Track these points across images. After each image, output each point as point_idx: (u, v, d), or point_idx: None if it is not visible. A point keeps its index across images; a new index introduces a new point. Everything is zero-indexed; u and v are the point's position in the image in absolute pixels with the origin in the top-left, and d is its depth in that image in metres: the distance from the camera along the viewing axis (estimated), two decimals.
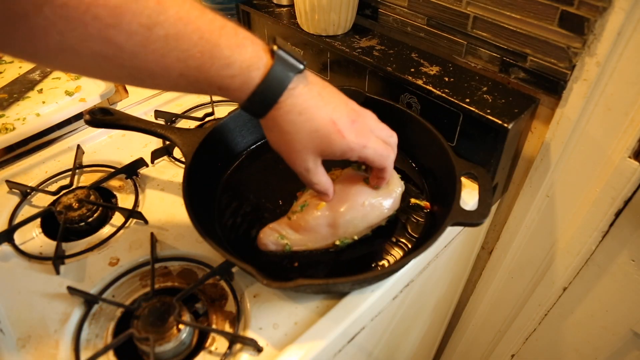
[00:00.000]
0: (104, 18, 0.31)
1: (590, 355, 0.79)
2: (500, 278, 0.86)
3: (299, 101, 0.41)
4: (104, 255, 0.55)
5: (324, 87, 0.43)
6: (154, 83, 0.38)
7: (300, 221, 0.51)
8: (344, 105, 0.44)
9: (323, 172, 0.47)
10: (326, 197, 0.50)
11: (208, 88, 0.38)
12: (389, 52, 0.68)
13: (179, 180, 0.66)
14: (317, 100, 0.42)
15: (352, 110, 0.45)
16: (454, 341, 1.13)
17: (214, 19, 0.37)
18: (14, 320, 0.49)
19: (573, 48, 0.53)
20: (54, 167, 0.69)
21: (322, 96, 0.42)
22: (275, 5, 0.83)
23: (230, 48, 0.37)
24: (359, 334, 0.53)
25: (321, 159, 0.45)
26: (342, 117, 0.43)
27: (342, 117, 0.43)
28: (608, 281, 0.69)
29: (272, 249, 0.52)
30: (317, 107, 0.41)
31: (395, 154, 0.49)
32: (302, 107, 0.41)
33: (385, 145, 0.47)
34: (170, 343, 0.44)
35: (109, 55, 0.33)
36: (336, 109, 0.43)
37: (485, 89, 0.60)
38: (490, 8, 0.58)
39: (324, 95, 0.43)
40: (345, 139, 0.43)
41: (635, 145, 0.54)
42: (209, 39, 0.36)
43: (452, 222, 0.48)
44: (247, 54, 0.38)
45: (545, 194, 0.68)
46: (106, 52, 0.33)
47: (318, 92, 0.42)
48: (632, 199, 0.59)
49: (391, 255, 0.52)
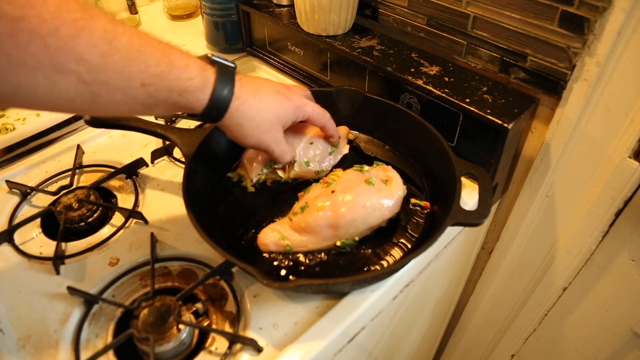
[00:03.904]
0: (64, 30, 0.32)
1: (590, 355, 0.79)
2: (500, 278, 0.86)
3: (249, 87, 0.47)
4: (104, 255, 0.55)
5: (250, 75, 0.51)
6: (113, 99, 0.38)
7: (301, 222, 0.51)
8: (271, 81, 0.53)
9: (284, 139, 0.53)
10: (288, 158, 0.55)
11: (168, 96, 0.40)
12: (389, 52, 0.68)
13: (179, 180, 0.66)
14: (257, 83, 0.49)
15: (278, 82, 0.53)
16: (454, 341, 1.13)
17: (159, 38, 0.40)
18: (14, 320, 0.49)
19: (573, 48, 0.53)
20: (54, 167, 0.69)
21: (255, 80, 0.49)
22: (275, 5, 0.83)
23: (183, 56, 0.41)
24: (359, 334, 0.53)
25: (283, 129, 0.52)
26: (279, 87, 0.51)
27: (280, 87, 0.51)
28: (608, 281, 0.69)
29: (273, 249, 0.52)
30: (261, 87, 0.49)
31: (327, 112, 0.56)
32: (254, 90, 0.47)
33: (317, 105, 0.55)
34: (170, 343, 0.44)
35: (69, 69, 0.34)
36: (270, 84, 0.50)
37: (485, 89, 0.60)
38: (490, 8, 0.58)
39: (256, 79, 0.50)
40: (291, 101, 0.51)
41: (635, 145, 0.54)
42: (163, 49, 0.40)
43: (452, 222, 0.48)
44: (196, 59, 0.43)
45: (545, 194, 0.68)
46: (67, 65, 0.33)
47: (252, 78, 0.49)
48: (632, 199, 0.59)
49: (391, 255, 0.52)
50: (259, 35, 0.87)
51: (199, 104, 0.43)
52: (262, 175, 0.61)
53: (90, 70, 0.35)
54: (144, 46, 0.38)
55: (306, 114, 0.53)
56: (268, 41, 0.86)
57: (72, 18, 0.33)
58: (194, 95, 0.42)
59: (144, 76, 0.38)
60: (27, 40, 0.31)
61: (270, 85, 0.50)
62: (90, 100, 0.37)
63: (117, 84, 0.37)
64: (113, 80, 0.36)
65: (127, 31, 0.37)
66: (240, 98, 0.45)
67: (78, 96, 0.36)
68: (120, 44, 0.36)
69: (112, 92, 0.37)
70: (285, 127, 0.52)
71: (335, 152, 0.63)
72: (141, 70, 0.37)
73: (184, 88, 0.41)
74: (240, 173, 0.62)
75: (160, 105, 0.41)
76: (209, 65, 0.44)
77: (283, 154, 0.53)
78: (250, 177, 0.60)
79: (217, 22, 0.90)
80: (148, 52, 0.38)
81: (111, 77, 0.36)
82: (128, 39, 0.36)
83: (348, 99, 0.67)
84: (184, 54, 0.42)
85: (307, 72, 0.81)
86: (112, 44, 0.35)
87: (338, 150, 0.63)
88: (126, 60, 0.36)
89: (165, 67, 0.39)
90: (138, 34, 0.38)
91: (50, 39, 0.32)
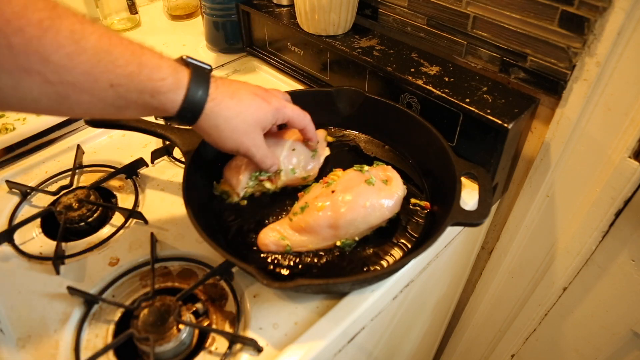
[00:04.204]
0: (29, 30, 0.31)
1: (590, 355, 0.79)
2: (500, 278, 0.86)
3: (225, 89, 0.46)
4: (104, 255, 0.55)
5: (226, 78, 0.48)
6: (81, 101, 0.37)
7: (301, 222, 0.51)
8: (249, 83, 0.51)
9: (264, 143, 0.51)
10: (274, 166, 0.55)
11: (138, 97, 0.39)
12: (389, 52, 0.68)
13: (179, 180, 0.66)
14: (234, 85, 0.48)
15: (256, 85, 0.51)
16: (454, 341, 1.13)
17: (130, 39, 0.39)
18: (14, 320, 0.49)
19: (573, 48, 0.53)
20: (54, 167, 0.69)
21: (232, 82, 0.48)
22: (275, 5, 0.83)
23: (154, 56, 0.40)
24: (359, 334, 0.53)
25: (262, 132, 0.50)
26: (257, 90, 0.50)
27: (258, 90, 0.50)
28: (608, 281, 0.69)
29: (273, 249, 0.52)
30: (239, 89, 0.47)
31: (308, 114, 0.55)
32: (230, 92, 0.46)
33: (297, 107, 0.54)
34: (170, 343, 0.44)
35: (34, 69, 0.33)
36: (248, 87, 0.49)
37: (485, 89, 0.60)
38: (490, 8, 0.58)
39: (232, 82, 0.48)
40: (270, 104, 0.49)
41: (635, 145, 0.54)
42: (133, 49, 0.39)
43: (452, 222, 0.48)
44: (169, 60, 0.42)
45: (545, 194, 0.68)
46: (32, 66, 0.32)
47: (228, 81, 0.48)
48: (632, 199, 0.59)
49: (391, 255, 0.52)
50: (259, 35, 0.87)
51: (172, 106, 0.42)
52: (249, 188, 0.58)
53: (55, 70, 0.34)
54: (112, 46, 0.37)
55: (286, 117, 0.52)
56: (268, 41, 0.86)
57: (38, 18, 0.32)
58: (166, 96, 0.41)
59: (112, 77, 0.37)
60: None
61: (248, 88, 0.49)
62: (57, 101, 0.36)
63: (85, 85, 0.36)
64: (80, 81, 0.35)
65: (96, 31, 0.36)
66: (215, 99, 0.44)
67: (43, 96, 0.35)
68: (87, 44, 0.35)
69: (79, 93, 0.36)
70: (265, 130, 0.50)
71: (316, 155, 0.62)
72: (109, 71, 0.36)
73: (155, 89, 0.40)
74: (225, 189, 0.59)
75: (132, 107, 0.40)
76: (183, 67, 0.43)
77: (264, 158, 0.51)
78: (237, 192, 0.58)
79: (217, 22, 0.90)
80: (116, 51, 0.37)
81: (78, 78, 0.35)
82: (96, 39, 0.35)
83: (348, 99, 0.67)
84: (156, 55, 0.41)
85: (307, 72, 0.81)
86: (79, 44, 0.34)
87: (319, 153, 0.62)
88: (93, 61, 0.35)
89: (135, 67, 0.38)
90: (108, 34, 0.37)
91: (14, 38, 0.31)
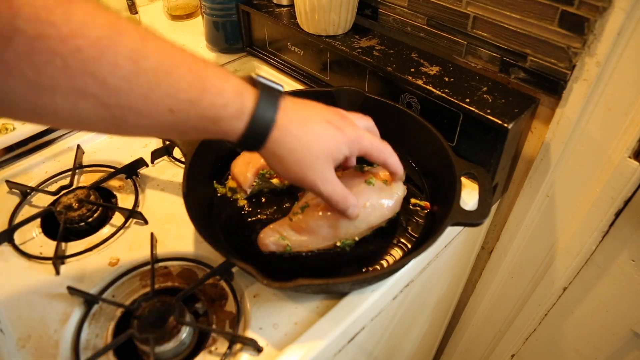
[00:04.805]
0: (86, 50, 0.29)
1: (591, 355, 0.79)
2: (500, 278, 0.86)
3: (295, 115, 0.41)
4: (104, 255, 0.55)
5: (300, 100, 0.43)
6: (139, 124, 0.34)
7: (301, 223, 0.51)
8: (325, 108, 0.45)
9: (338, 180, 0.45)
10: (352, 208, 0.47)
11: (199, 123, 0.36)
12: (389, 52, 0.68)
13: (179, 180, 0.66)
14: (307, 110, 0.42)
15: (332, 109, 0.45)
16: (454, 341, 1.13)
17: (194, 54, 0.36)
18: (14, 320, 0.49)
19: (573, 48, 0.53)
20: (54, 167, 0.69)
21: (307, 106, 0.43)
22: (275, 5, 0.83)
23: (219, 77, 0.36)
24: (359, 334, 0.53)
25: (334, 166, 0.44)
26: (332, 116, 0.44)
27: (333, 117, 0.44)
28: (608, 281, 0.69)
29: (273, 249, 0.52)
30: (310, 116, 0.42)
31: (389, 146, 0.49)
32: (300, 120, 0.41)
33: (376, 137, 0.48)
34: (170, 343, 0.44)
35: (89, 92, 0.30)
36: (322, 112, 0.44)
37: (485, 89, 0.60)
38: (490, 8, 0.58)
39: (305, 106, 0.43)
40: (344, 134, 0.43)
41: (635, 145, 0.54)
42: (197, 70, 0.35)
43: (452, 222, 0.48)
44: (234, 81, 0.37)
45: (545, 194, 0.68)
46: (87, 88, 0.30)
47: (302, 104, 0.42)
48: (632, 199, 0.59)
49: (391, 255, 0.52)
50: (259, 35, 0.87)
51: (234, 133, 0.38)
52: (257, 185, 0.58)
53: (111, 94, 0.31)
54: (174, 67, 0.33)
55: (362, 149, 0.45)
56: (268, 41, 0.86)
57: (96, 36, 0.29)
58: (228, 123, 0.37)
59: (172, 101, 0.33)
60: (45, 60, 0.28)
61: (322, 114, 0.43)
62: (114, 124, 0.33)
63: (143, 109, 0.33)
64: (137, 105, 0.32)
65: (157, 49, 0.32)
66: (282, 128, 0.39)
67: (99, 119, 0.32)
68: (147, 64, 0.32)
69: (137, 117, 0.33)
70: (337, 163, 0.44)
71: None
72: (169, 95, 0.33)
73: (217, 116, 0.36)
74: (231, 186, 0.59)
75: (191, 132, 0.37)
76: (249, 88, 0.38)
77: (332, 195, 0.44)
78: (244, 190, 0.57)
79: (217, 22, 0.90)
80: (178, 73, 0.33)
81: (135, 102, 0.32)
82: (157, 58, 0.32)
83: (348, 99, 0.67)
84: (221, 75, 0.36)
85: (307, 72, 0.81)
86: (139, 64, 0.31)
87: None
88: (153, 84, 0.32)
89: (197, 92, 0.34)
90: (170, 52, 0.33)
91: (70, 60, 0.29)
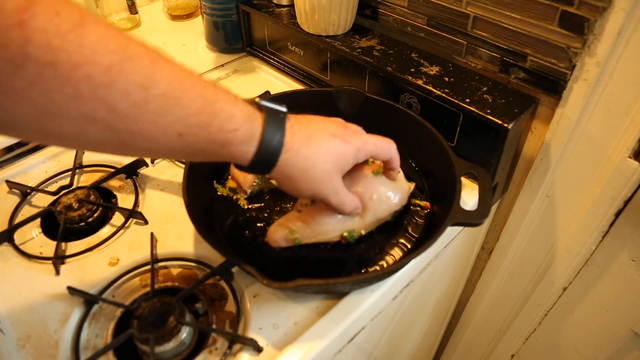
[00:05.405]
0: (97, 77, 0.29)
1: (591, 355, 0.79)
2: (500, 278, 0.86)
3: (301, 135, 0.41)
4: (104, 255, 0.55)
5: (303, 116, 0.44)
6: (147, 148, 0.35)
7: (310, 214, 0.51)
8: (327, 120, 0.46)
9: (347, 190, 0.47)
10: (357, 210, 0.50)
11: (207, 147, 0.36)
12: (389, 52, 0.68)
13: (179, 180, 0.66)
14: (312, 127, 0.43)
15: (334, 120, 0.46)
16: (454, 341, 1.13)
17: (203, 77, 0.36)
18: (14, 320, 0.49)
19: (573, 48, 0.53)
20: (54, 167, 0.69)
21: (310, 122, 0.44)
22: (275, 5, 0.83)
23: (229, 102, 0.37)
24: (359, 334, 0.53)
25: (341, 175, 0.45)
26: (336, 128, 0.45)
27: (336, 129, 0.45)
28: (608, 281, 0.69)
29: (283, 245, 0.52)
30: (316, 133, 0.43)
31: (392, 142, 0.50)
32: (307, 138, 0.41)
33: (379, 137, 0.48)
34: (170, 343, 0.44)
35: (98, 118, 0.30)
36: (326, 126, 0.44)
37: (485, 89, 0.60)
38: (490, 8, 0.58)
39: (309, 123, 0.44)
40: (350, 144, 0.44)
41: (635, 145, 0.54)
42: (207, 95, 0.35)
43: (452, 222, 0.48)
44: (243, 105, 0.38)
45: (545, 194, 0.68)
46: (96, 114, 0.30)
47: (305, 121, 0.43)
48: (632, 199, 0.59)
49: (391, 255, 0.52)
50: (259, 35, 0.87)
51: (244, 157, 0.39)
52: (257, 185, 0.58)
53: (120, 119, 0.31)
54: (183, 92, 0.33)
55: (369, 153, 0.47)
56: (268, 41, 0.86)
57: (108, 63, 0.29)
58: (238, 148, 0.38)
59: (180, 126, 0.34)
60: (55, 87, 0.28)
61: (326, 128, 0.44)
62: (121, 148, 0.34)
63: (151, 134, 0.33)
64: (146, 130, 0.32)
65: (167, 75, 0.32)
66: (291, 149, 0.40)
67: (108, 143, 0.33)
68: (157, 90, 0.32)
69: (145, 142, 0.33)
70: (345, 172, 0.46)
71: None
72: (178, 120, 0.33)
73: (227, 140, 0.37)
74: (231, 186, 0.59)
75: (200, 155, 0.37)
76: (256, 112, 0.39)
77: (342, 204, 0.46)
78: (244, 190, 0.58)
79: (217, 22, 0.90)
80: (187, 98, 0.33)
81: (144, 127, 0.32)
82: (167, 84, 0.32)
83: (348, 99, 0.67)
84: (230, 100, 0.37)
85: (307, 72, 0.81)
86: (149, 91, 0.31)
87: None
88: (162, 110, 0.32)
89: (206, 116, 0.35)
90: (180, 77, 0.33)
91: (81, 86, 0.28)
